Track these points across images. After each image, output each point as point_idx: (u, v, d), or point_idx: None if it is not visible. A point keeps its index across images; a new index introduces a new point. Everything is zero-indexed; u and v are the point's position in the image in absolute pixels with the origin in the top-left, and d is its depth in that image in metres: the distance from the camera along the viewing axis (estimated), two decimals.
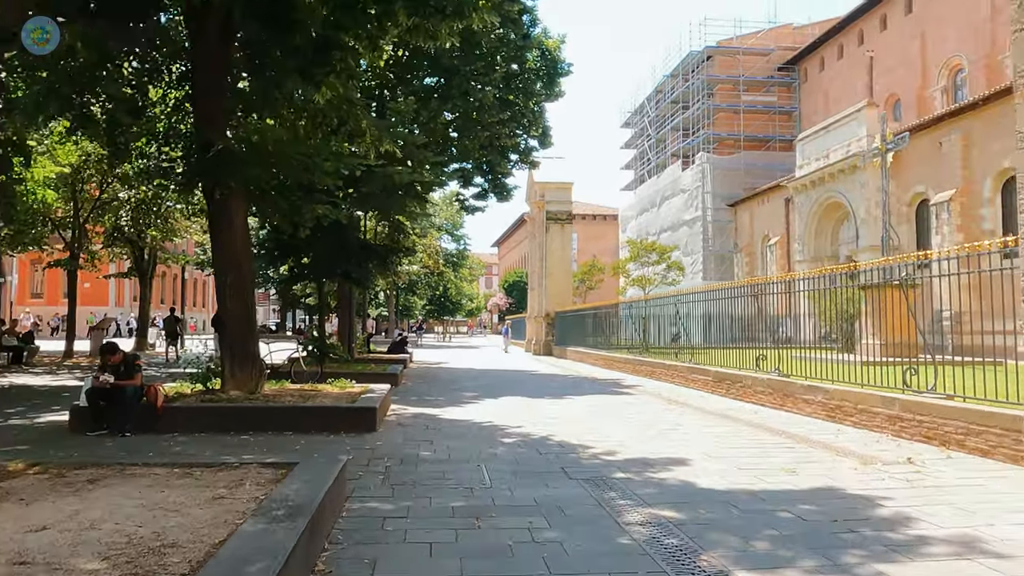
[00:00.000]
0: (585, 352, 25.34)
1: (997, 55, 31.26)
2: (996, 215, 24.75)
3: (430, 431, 8.83)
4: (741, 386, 12.54)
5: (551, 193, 32.45)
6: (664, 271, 28.78)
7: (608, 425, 9.50)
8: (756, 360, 12.45)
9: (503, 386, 15.80)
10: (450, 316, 71.84)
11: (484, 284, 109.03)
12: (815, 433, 8.70)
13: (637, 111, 57.62)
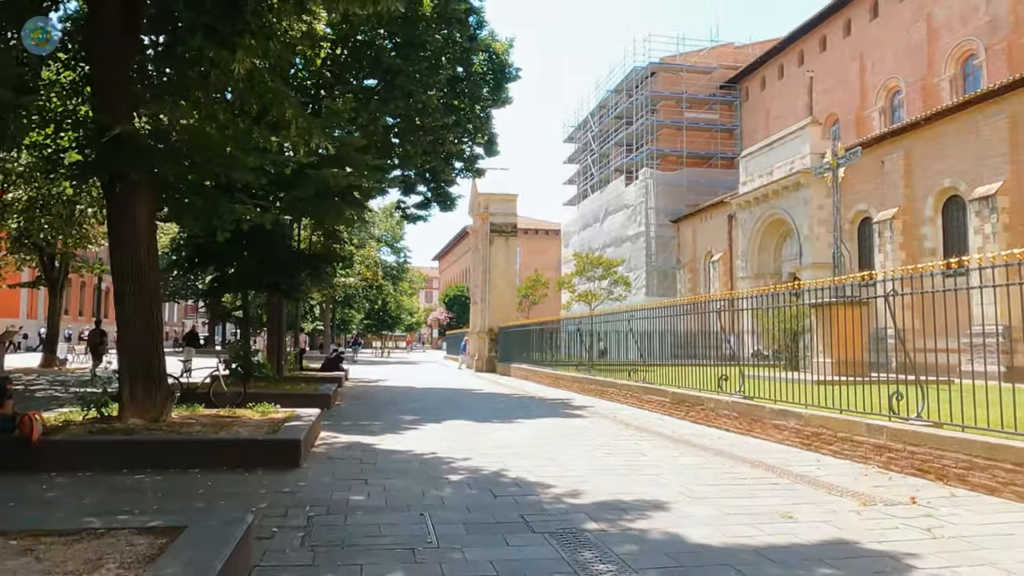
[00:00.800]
0: (530, 369, 24.36)
1: (933, 77, 31.89)
2: (937, 234, 24.91)
3: (365, 466, 7.64)
4: (702, 409, 11.72)
5: (495, 205, 31.52)
6: (610, 286, 28.11)
7: (566, 455, 8.48)
8: (719, 381, 11.66)
9: (446, 408, 14.65)
10: (389, 331, 70.01)
11: (424, 298, 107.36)
12: (794, 464, 7.87)
13: (581, 126, 57.41)
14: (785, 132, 32.93)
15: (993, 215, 21.68)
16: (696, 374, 12.88)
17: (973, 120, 23.02)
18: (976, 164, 22.88)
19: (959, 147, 23.71)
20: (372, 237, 44.27)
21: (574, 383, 19.12)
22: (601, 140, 54.14)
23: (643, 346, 15.74)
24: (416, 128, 18.45)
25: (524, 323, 27.68)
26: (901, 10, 33.92)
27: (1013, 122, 21.64)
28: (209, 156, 8.17)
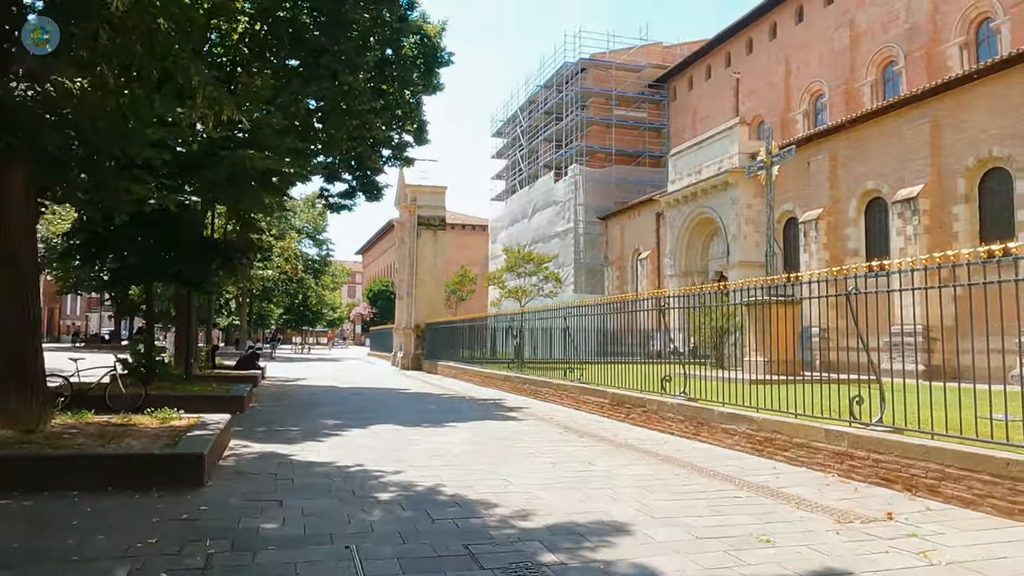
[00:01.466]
0: (459, 367, 23.54)
1: (855, 82, 32.67)
2: (860, 235, 25.35)
3: (280, 483, 6.69)
4: (644, 411, 11.19)
5: (423, 197, 30.50)
6: (540, 282, 27.55)
7: (508, 465, 7.73)
8: (662, 382, 11.15)
9: (372, 410, 13.69)
10: (310, 326, 67.76)
11: (347, 293, 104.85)
12: (751, 473, 7.36)
13: (510, 120, 56.81)
14: (714, 131, 33.14)
15: (915, 217, 22.14)
16: (635, 374, 12.38)
17: (896, 124, 23.48)
18: (898, 167, 23.36)
19: (882, 150, 24.17)
20: (293, 228, 42.40)
21: (505, 382, 18.42)
22: (530, 135, 53.68)
23: (578, 344, 15.17)
24: (341, 112, 17.33)
25: (453, 319, 26.83)
26: (825, 15, 34.65)
27: (934, 126, 22.13)
28: (99, 126, 7.03)
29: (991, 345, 6.40)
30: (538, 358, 18.62)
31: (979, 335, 6.66)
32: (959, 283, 6.76)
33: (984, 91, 20.74)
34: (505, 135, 58.85)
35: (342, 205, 19.11)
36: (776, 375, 14.63)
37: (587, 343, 15.20)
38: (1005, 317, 6.20)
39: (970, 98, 21.10)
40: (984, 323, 6.32)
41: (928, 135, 22.17)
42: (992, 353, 6.45)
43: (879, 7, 31.52)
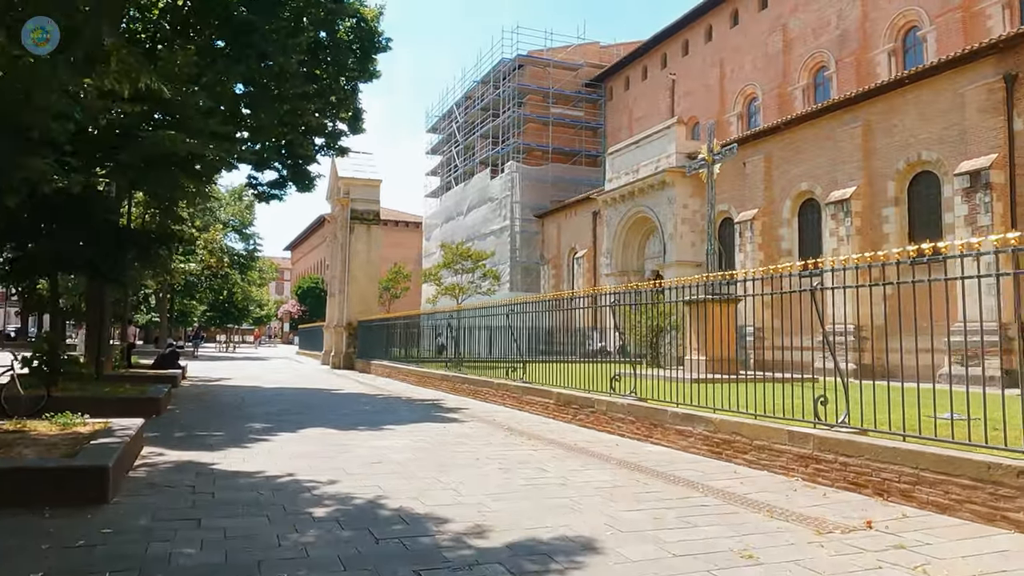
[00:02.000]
0: (393, 366, 22.73)
1: (788, 86, 33.29)
2: (794, 235, 25.72)
3: (198, 498, 5.90)
4: (592, 411, 10.74)
5: (357, 190, 29.48)
6: (479, 279, 26.95)
7: (454, 473, 7.12)
8: (611, 381, 10.73)
9: (303, 411, 12.83)
10: (235, 324, 65.27)
11: (275, 290, 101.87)
12: (713, 478, 6.97)
13: (446, 116, 56.01)
14: (651, 131, 33.23)
15: (847, 218, 22.52)
16: (580, 373, 11.96)
17: (829, 127, 23.87)
18: (831, 169, 23.75)
19: (816, 152, 24.56)
20: (218, 220, 40.53)
21: (443, 382, 17.77)
22: (466, 131, 53.02)
23: (519, 342, 14.66)
24: (271, 97, 16.33)
25: (387, 316, 25.96)
26: (760, 20, 35.22)
27: (866, 130, 22.56)
28: None
29: (922, 344, 6.48)
30: (477, 357, 18.05)
31: (908, 334, 6.56)
32: (889, 281, 6.82)
33: (913, 97, 21.23)
34: (440, 131, 58.01)
35: (272, 195, 18.06)
36: (715, 374, 14.52)
37: (528, 342, 14.77)
38: (933, 316, 6.27)
39: (901, 103, 21.58)
40: (913, 322, 6.39)
41: (860, 138, 22.59)
42: (922, 352, 6.58)
43: (811, 13, 32.18)
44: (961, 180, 19.00)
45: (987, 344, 17.80)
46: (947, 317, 7.17)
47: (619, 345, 21.19)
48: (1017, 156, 18.42)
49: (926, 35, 26.88)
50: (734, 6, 36.95)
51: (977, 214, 18.63)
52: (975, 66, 19.34)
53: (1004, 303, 17.99)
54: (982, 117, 18.99)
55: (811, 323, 8.48)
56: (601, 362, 15.18)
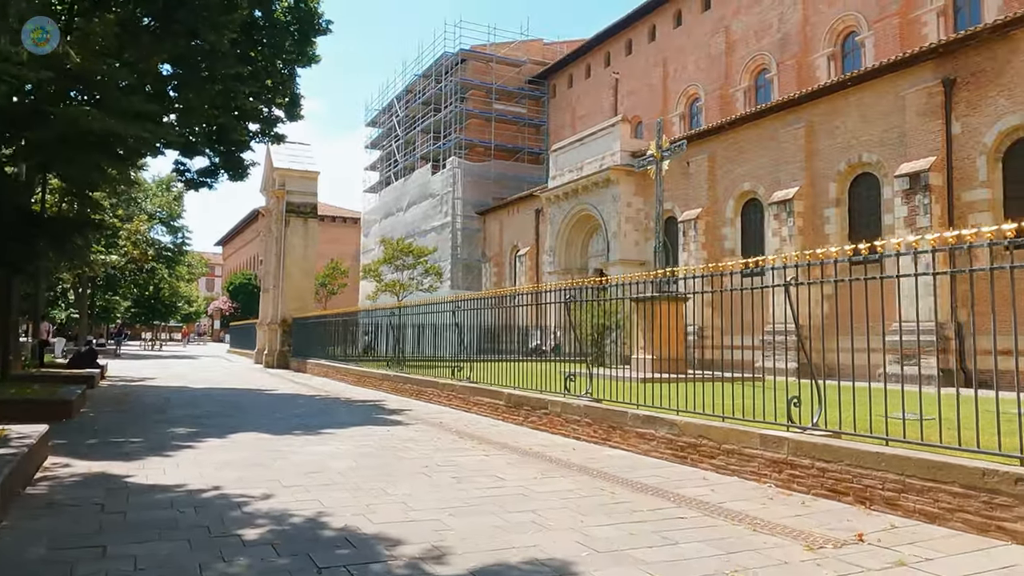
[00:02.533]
0: (331, 365, 21.79)
1: (729, 87, 33.57)
2: (737, 235, 25.80)
3: (107, 519, 5.10)
4: (546, 413, 10.21)
5: (294, 182, 28.31)
6: (420, 276, 26.17)
7: (403, 484, 6.46)
8: (566, 381, 10.23)
9: (234, 414, 11.92)
10: (162, 321, 62.50)
11: (205, 286, 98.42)
12: (681, 486, 6.51)
13: (386, 110, 54.84)
14: (596, 128, 33.03)
15: (790, 219, 22.66)
16: (529, 372, 11.44)
17: (772, 128, 24.01)
18: (774, 170, 23.90)
19: (759, 153, 24.69)
20: (143, 211, 38.46)
21: (384, 382, 17.00)
22: (407, 126, 51.98)
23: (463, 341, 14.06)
24: (202, 78, 15.28)
25: (324, 313, 24.95)
26: (703, 21, 35.45)
27: (809, 131, 22.75)
28: None
29: (862, 344, 6.53)
30: (419, 355, 17.35)
31: (848, 333, 6.57)
32: (829, 279, 6.80)
33: (856, 99, 21.48)
34: (380, 125, 56.79)
35: (201, 183, 16.93)
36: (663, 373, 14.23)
37: (472, 340, 14.20)
38: (871, 315, 6.41)
39: (843, 105, 21.81)
40: (850, 321, 6.34)
41: (803, 139, 22.77)
42: (860, 352, 6.59)
43: (753, 16, 32.52)
44: (901, 182, 19.26)
45: (924, 343, 18.08)
46: (883, 317, 7.33)
47: (553, 344, 20.94)
48: (954, 159, 18.76)
49: (864, 40, 27.39)
50: (678, 7, 37.12)
51: (916, 215, 18.90)
52: (915, 70, 19.64)
53: (941, 303, 18.31)
54: (921, 120, 19.28)
55: (753, 322, 8.44)
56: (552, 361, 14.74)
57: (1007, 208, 17.96)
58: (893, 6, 26.14)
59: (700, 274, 8.94)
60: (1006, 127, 17.71)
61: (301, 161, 28.36)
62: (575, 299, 11.17)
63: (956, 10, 25.02)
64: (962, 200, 18.60)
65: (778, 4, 31.17)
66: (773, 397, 7.22)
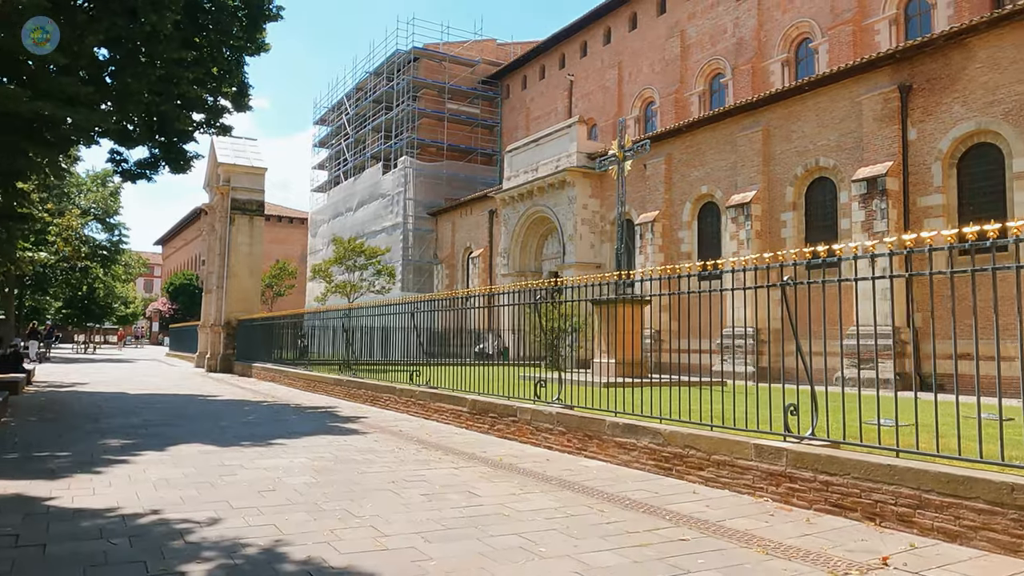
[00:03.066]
0: (278, 370, 20.79)
1: (684, 91, 33.61)
2: (693, 238, 25.71)
3: (22, 554, 4.31)
4: (514, 421, 9.64)
5: (239, 178, 27.12)
6: (373, 277, 25.32)
7: (370, 503, 5.81)
8: (536, 387, 9.68)
9: (175, 423, 11.01)
10: (97, 323, 59.77)
11: (143, 287, 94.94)
12: (673, 501, 6.03)
13: (335, 107, 53.56)
14: (552, 129, 32.68)
15: (748, 222, 22.62)
16: (483, 377, 10.87)
17: (730, 131, 23.98)
18: (732, 173, 23.88)
19: (716, 156, 24.64)
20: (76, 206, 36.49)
21: (336, 387, 16.18)
22: (357, 124, 50.82)
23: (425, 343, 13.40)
24: (141, 62, 14.26)
25: (272, 315, 23.87)
26: (657, 25, 35.46)
27: (767, 135, 22.77)
28: None
29: (819, 347, 6.42)
30: (372, 359, 16.60)
31: (806, 337, 6.36)
32: (787, 282, 6.58)
33: (813, 104, 21.56)
34: (329, 123, 55.47)
35: (140, 174, 15.83)
36: (625, 377, 13.83)
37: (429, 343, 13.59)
38: (828, 319, 6.18)
39: (800, 110, 21.87)
40: (808, 325, 6.29)
41: (760, 144, 22.77)
42: (818, 356, 6.45)
43: (708, 21, 32.63)
44: (858, 186, 19.33)
45: (881, 347, 18.14)
46: (840, 321, 7.44)
47: (500, 347, 20.43)
48: (910, 165, 18.91)
49: (818, 46, 27.67)
50: (633, 10, 37.07)
51: (874, 220, 18.99)
52: (872, 75, 19.77)
53: (898, 307, 18.40)
54: (878, 126, 19.40)
55: (710, 326, 8.34)
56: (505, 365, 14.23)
57: (961, 214, 18.18)
58: (847, 14, 26.45)
59: (659, 276, 8.54)
60: (961, 133, 17.91)
61: (247, 156, 27.19)
62: (544, 300, 10.63)
63: (907, 19, 25.43)
64: (918, 205, 18.75)
65: (733, 9, 31.33)
66: (756, 403, 6.84)
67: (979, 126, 17.50)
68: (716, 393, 9.60)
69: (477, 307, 12.71)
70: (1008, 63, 16.97)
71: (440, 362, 13.09)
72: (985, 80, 17.40)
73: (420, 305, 13.52)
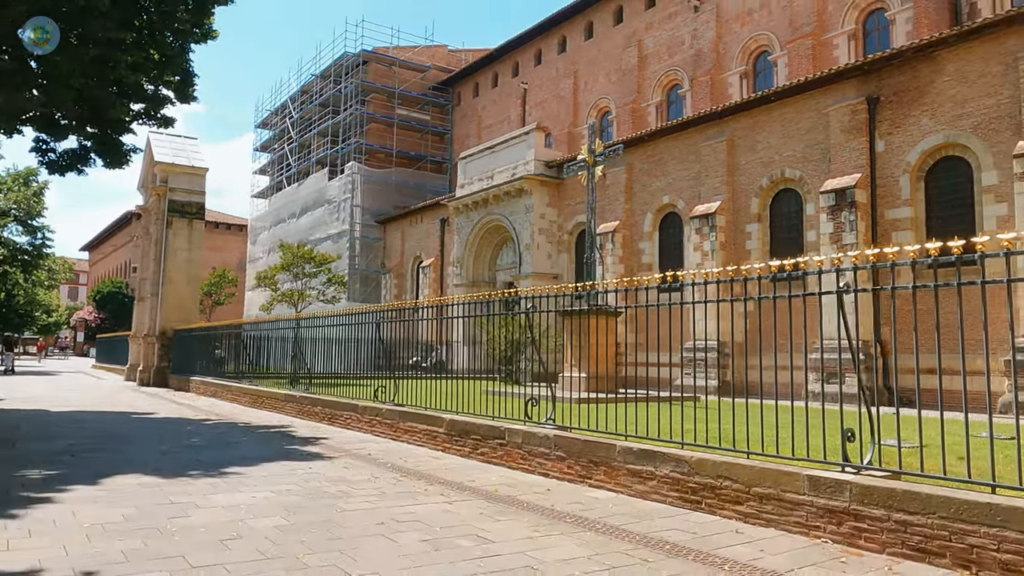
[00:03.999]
0: (220, 384, 19.24)
1: (641, 102, 33.27)
2: (655, 249, 25.20)
3: None
4: (502, 444, 8.64)
5: (178, 178, 25.38)
6: (324, 286, 23.91)
7: (364, 555, 4.72)
8: (527, 405, 8.71)
9: (107, 448, 9.61)
10: (15, 332, 55.99)
11: (68, 294, 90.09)
12: (717, 543, 5.14)
13: (278, 111, 51.66)
14: (508, 136, 31.88)
15: (712, 233, 22.18)
16: (467, 393, 9.86)
17: (693, 141, 23.58)
18: (695, 183, 23.47)
19: (679, 166, 24.21)
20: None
21: (287, 404, 14.86)
22: (302, 128, 49.05)
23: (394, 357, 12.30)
24: (73, 44, 12.81)
25: (214, 325, 22.21)
26: (614, 34, 35.11)
27: (731, 146, 22.44)
28: None
29: (784, 361, 6.39)
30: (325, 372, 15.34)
31: (770, 351, 6.37)
32: (751, 297, 6.63)
33: (778, 114, 21.30)
34: (272, 127, 53.45)
35: (68, 166, 14.25)
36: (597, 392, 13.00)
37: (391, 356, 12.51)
38: (794, 332, 6.34)
39: (765, 120, 21.59)
40: (773, 338, 6.44)
41: (724, 154, 22.41)
42: (783, 369, 6.45)
43: (666, 32, 32.41)
44: (826, 198, 19.05)
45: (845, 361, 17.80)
46: (805, 334, 7.36)
47: (435, 360, 19.49)
48: (878, 177, 18.74)
49: (777, 60, 27.64)
50: (589, 19, 36.68)
51: (843, 232, 18.71)
52: (839, 87, 19.59)
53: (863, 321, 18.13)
54: (845, 137, 19.20)
55: (670, 338, 7.45)
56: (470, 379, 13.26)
57: (929, 227, 18.05)
58: (806, 28, 26.49)
59: (624, 288, 7.95)
60: (929, 146, 17.79)
61: (187, 155, 25.48)
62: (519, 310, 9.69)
63: (866, 34, 25.58)
64: (886, 218, 18.57)
65: (691, 21, 31.18)
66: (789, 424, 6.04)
67: (948, 139, 17.39)
68: (701, 410, 8.84)
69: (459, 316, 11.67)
70: (976, 76, 16.91)
71: (406, 376, 12.01)
72: (953, 93, 17.31)
73: (386, 314, 12.40)
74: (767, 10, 28.17)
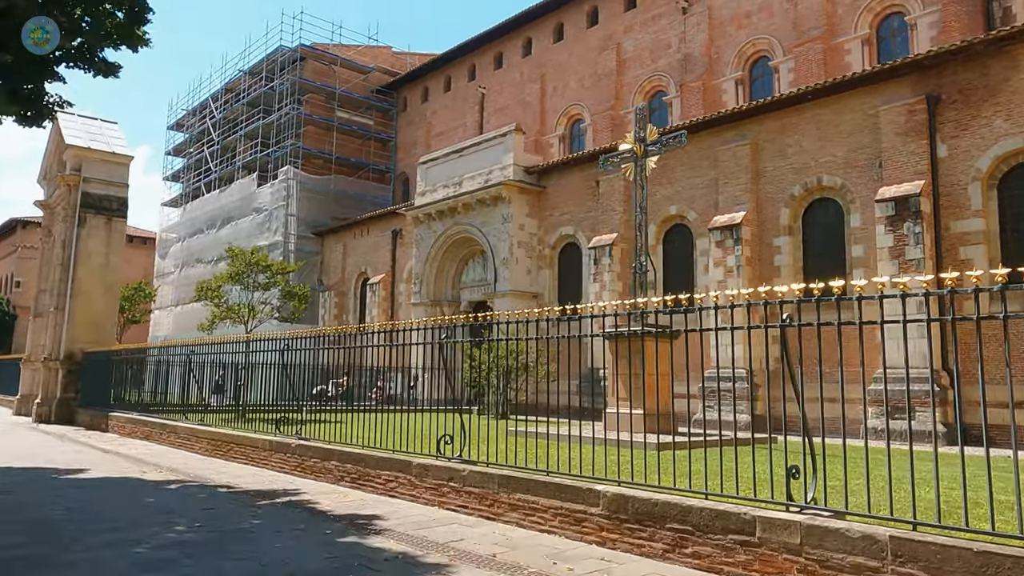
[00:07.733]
0: (159, 424, 14.82)
1: (620, 108, 30.74)
2: (658, 263, 22.38)
3: None
4: (744, 543, 5.29)
5: (95, 167, 20.66)
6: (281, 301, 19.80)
7: None
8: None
9: (37, 565, 5.62)
10: None
11: None
12: None
13: (196, 110, 46.43)
14: (481, 139, 28.65)
15: (738, 247, 19.60)
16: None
17: (707, 144, 21.08)
18: (710, 191, 20.95)
19: (690, 172, 21.66)
20: None
21: (274, 454, 10.87)
22: (225, 130, 44.05)
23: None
24: None
25: (145, 347, 17.57)
26: (588, 37, 32.60)
27: (755, 150, 20.05)
28: None
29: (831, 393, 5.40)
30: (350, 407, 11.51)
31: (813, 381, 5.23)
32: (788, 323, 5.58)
33: (812, 115, 19.07)
34: (188, 128, 48.02)
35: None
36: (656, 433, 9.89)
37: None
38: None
39: (797, 122, 19.32)
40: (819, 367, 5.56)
41: (747, 159, 19.98)
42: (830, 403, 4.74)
43: (649, 35, 30.13)
44: (884, 208, 16.78)
45: (914, 394, 15.40)
46: (863, 364, 6.55)
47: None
48: (941, 185, 16.64)
49: (779, 65, 25.68)
50: (559, 20, 34.09)
51: (906, 246, 16.44)
52: (890, 85, 17.53)
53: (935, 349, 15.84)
54: (901, 141, 17.06)
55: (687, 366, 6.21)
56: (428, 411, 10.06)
57: (1004, 240, 16.02)
58: (814, 31, 24.64)
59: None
60: (1003, 151, 15.82)
61: (107, 140, 20.85)
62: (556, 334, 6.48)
63: (880, 40, 23.94)
64: (951, 231, 16.44)
65: (678, 24, 29.00)
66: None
67: None
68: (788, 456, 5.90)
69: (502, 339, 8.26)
70: None
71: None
72: None
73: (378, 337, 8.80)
74: (767, 13, 26.25)
